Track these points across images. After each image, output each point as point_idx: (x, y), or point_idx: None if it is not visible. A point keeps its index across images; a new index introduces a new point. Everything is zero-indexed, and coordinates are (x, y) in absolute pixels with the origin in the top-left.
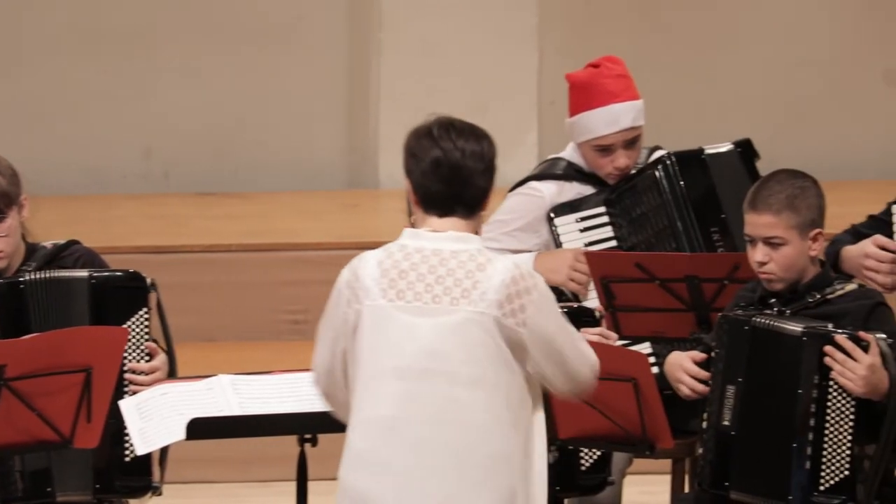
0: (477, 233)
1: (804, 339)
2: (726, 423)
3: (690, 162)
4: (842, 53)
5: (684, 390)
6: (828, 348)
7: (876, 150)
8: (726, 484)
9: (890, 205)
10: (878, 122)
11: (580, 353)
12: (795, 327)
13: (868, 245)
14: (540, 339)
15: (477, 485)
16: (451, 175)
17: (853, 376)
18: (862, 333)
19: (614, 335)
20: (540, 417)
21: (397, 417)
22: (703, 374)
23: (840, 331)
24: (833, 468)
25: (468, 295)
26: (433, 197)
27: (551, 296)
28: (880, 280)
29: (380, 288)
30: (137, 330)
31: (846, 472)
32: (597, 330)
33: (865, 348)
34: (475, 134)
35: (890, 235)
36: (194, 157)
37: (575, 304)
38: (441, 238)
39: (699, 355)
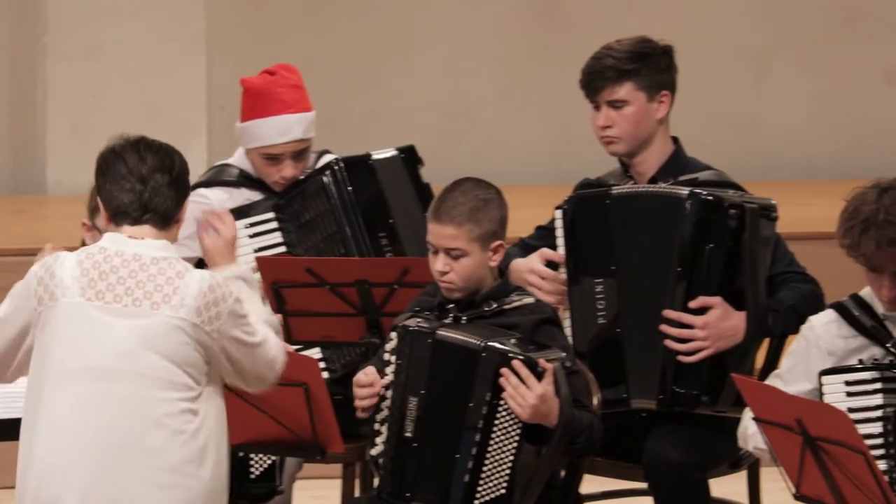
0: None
1: (483, 354)
2: (408, 434)
3: (358, 167)
4: (508, 59)
5: (356, 403)
6: (504, 370)
7: (544, 154)
8: (407, 495)
9: (554, 210)
10: (546, 126)
11: (264, 355)
12: (477, 342)
13: (533, 260)
14: (231, 345)
15: (160, 487)
16: (138, 185)
17: (523, 402)
18: (541, 361)
19: (290, 348)
20: (222, 423)
21: (79, 419)
22: (371, 378)
23: (520, 353)
24: (491, 484)
25: (169, 300)
26: (123, 208)
27: (239, 304)
28: (543, 297)
29: (79, 286)
30: None
31: (503, 490)
32: None
33: (540, 375)
34: (161, 149)
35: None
36: None
37: None
38: (141, 245)
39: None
